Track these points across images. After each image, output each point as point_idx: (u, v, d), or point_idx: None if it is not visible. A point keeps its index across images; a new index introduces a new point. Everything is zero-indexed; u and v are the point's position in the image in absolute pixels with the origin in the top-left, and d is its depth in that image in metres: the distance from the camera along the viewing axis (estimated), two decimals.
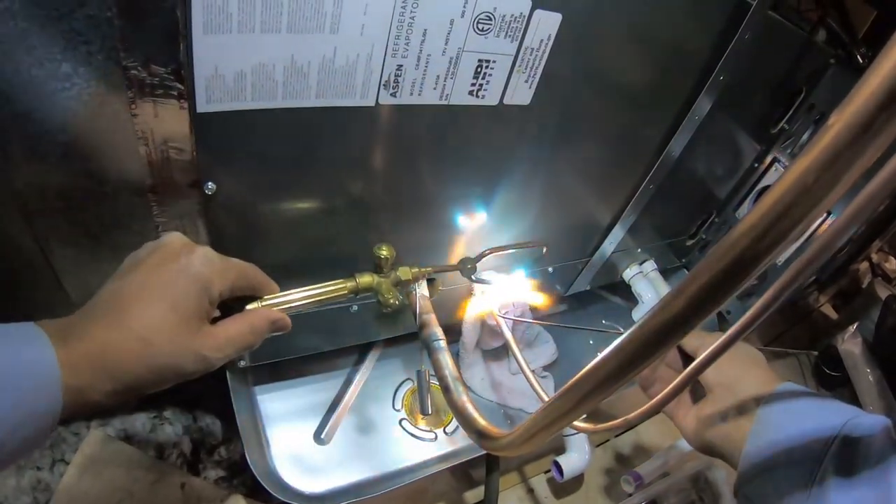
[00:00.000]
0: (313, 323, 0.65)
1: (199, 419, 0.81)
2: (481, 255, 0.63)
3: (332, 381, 0.75)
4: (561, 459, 0.77)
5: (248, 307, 0.43)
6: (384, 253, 0.53)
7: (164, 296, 0.36)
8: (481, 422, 0.58)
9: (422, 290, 0.66)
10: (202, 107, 0.42)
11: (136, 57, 0.39)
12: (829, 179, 0.23)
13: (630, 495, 0.80)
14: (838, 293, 1.33)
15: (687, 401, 0.53)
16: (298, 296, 0.46)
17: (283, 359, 0.68)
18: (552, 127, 0.59)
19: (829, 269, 1.07)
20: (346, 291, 0.50)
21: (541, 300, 0.71)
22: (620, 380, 0.33)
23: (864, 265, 1.33)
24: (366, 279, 0.52)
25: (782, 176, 0.24)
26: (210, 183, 0.47)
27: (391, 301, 0.54)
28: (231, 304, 0.42)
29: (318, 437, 0.70)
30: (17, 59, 0.38)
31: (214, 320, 0.40)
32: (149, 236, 0.51)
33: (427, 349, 0.64)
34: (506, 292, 0.69)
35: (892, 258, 1.38)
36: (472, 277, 0.63)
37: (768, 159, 0.86)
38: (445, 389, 0.62)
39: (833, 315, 1.32)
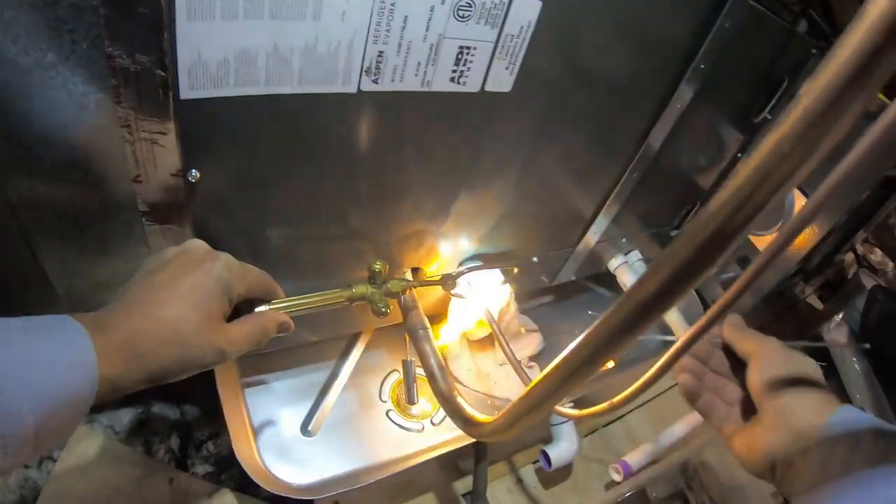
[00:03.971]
0: (300, 314, 0.67)
1: (186, 414, 0.83)
2: (460, 273, 0.67)
3: (319, 372, 0.76)
4: (549, 449, 0.78)
5: (258, 309, 0.49)
6: (378, 266, 0.59)
7: (192, 295, 0.41)
8: (467, 409, 0.60)
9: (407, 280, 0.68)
10: (185, 93, 0.43)
11: (121, 45, 0.40)
12: (804, 148, 0.23)
13: (618, 484, 0.82)
14: (825, 284, 1.36)
15: (736, 415, 0.50)
16: (302, 301, 0.53)
17: (269, 350, 0.69)
18: (533, 115, 0.60)
19: (814, 260, 1.09)
20: (342, 299, 0.57)
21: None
22: (601, 360, 0.34)
23: (850, 257, 1.36)
24: (361, 289, 0.58)
25: (759, 145, 0.24)
26: (194, 171, 0.48)
27: (382, 309, 0.59)
28: (241, 306, 0.48)
29: (304, 429, 0.72)
30: (3, 48, 0.39)
31: (229, 319, 0.45)
32: (135, 228, 0.52)
33: (412, 338, 0.66)
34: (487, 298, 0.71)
35: (877, 250, 1.42)
36: (452, 292, 0.67)
37: (750, 149, 0.88)
38: (431, 377, 0.64)
39: (819, 306, 1.34)
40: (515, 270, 0.73)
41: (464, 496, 0.81)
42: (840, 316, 1.15)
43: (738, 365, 0.50)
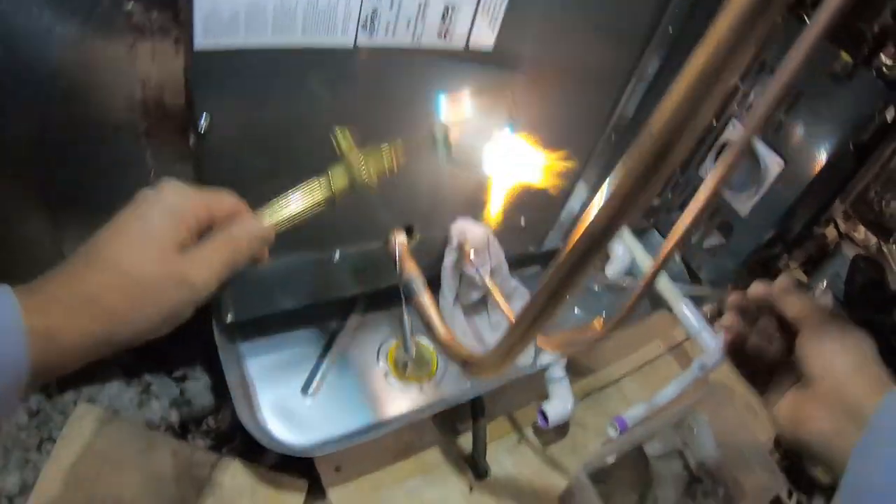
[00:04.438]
0: (296, 275, 0.72)
1: (185, 392, 0.87)
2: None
3: (317, 339, 0.81)
4: (546, 406, 0.84)
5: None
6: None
7: (138, 229, 0.38)
8: (465, 350, 0.66)
9: (400, 238, 0.74)
10: (199, 44, 0.48)
11: (140, 2, 0.47)
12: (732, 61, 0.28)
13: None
14: (808, 260, 1.44)
15: (778, 381, 0.49)
16: (277, 207, 0.49)
17: (267, 313, 0.74)
18: (514, 75, 0.67)
19: (794, 229, 1.17)
20: (319, 188, 0.51)
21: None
22: (579, 277, 0.40)
23: (832, 232, 1.45)
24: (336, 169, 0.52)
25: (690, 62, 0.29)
26: (203, 121, 0.54)
27: (364, 176, 0.53)
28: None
29: (304, 392, 0.77)
30: (28, 5, 0.45)
31: None
32: (145, 182, 0.58)
33: (408, 293, 0.72)
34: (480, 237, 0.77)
35: (860, 227, 1.50)
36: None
37: (724, 117, 0.96)
38: (428, 326, 0.70)
39: (804, 279, 1.42)
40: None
41: (465, 458, 0.86)
42: (824, 283, 1.23)
43: (785, 328, 0.50)
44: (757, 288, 0.51)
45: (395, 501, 0.80)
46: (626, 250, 0.95)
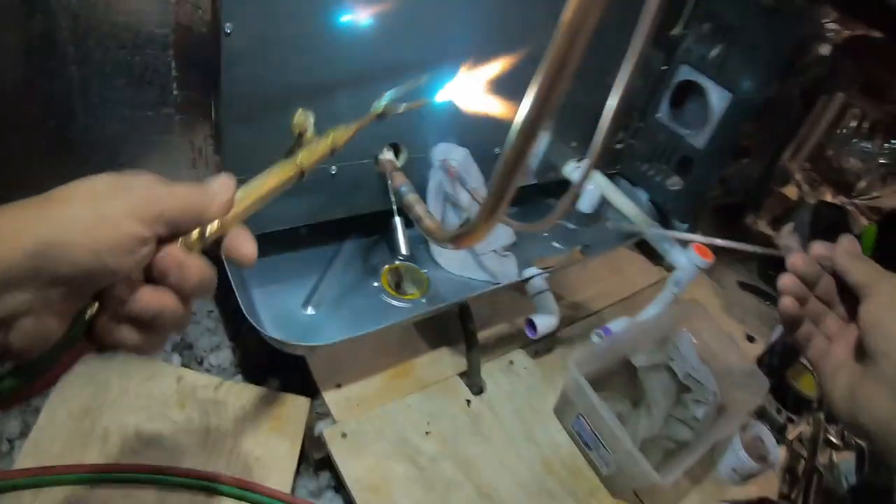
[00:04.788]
0: (298, 194, 0.79)
1: (186, 337, 0.92)
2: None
3: (317, 261, 0.88)
4: (534, 317, 0.90)
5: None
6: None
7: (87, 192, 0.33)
8: (449, 232, 0.74)
9: (388, 156, 0.83)
10: None
11: None
12: None
13: None
14: (774, 219, 1.56)
15: (837, 353, 0.47)
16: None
17: (272, 230, 0.81)
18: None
19: (749, 186, 1.28)
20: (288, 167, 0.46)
21: None
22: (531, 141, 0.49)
23: (793, 191, 1.58)
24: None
25: None
26: (228, 24, 0.60)
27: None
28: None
29: (304, 306, 0.82)
30: None
31: None
32: (168, 89, 0.66)
33: (398, 197, 0.80)
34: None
35: (821, 188, 1.63)
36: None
37: (675, 62, 1.08)
38: (418, 220, 0.77)
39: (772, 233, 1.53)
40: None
41: (461, 375, 0.92)
42: (791, 225, 1.34)
43: (847, 294, 0.47)
44: (819, 248, 0.49)
45: (397, 414, 0.84)
46: (595, 186, 1.04)
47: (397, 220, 0.80)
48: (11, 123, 0.60)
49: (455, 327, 0.92)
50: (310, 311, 0.82)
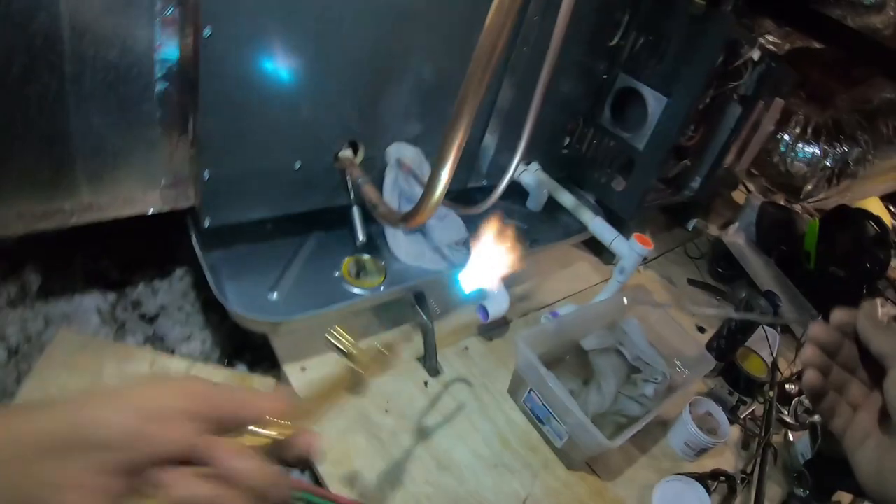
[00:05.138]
0: (264, 186, 0.87)
1: (157, 330, 0.99)
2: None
3: (284, 252, 0.96)
4: (484, 302, 0.99)
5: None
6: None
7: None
8: (401, 214, 0.83)
9: (347, 153, 0.93)
10: None
11: None
12: None
13: None
14: (725, 223, 1.67)
15: (862, 423, 0.46)
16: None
17: (240, 220, 0.88)
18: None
19: (695, 188, 1.39)
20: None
21: None
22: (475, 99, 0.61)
23: (742, 195, 1.69)
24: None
25: None
26: (207, 28, 0.68)
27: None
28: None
29: (270, 292, 0.89)
30: None
31: None
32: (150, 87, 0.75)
33: (356, 188, 0.89)
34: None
35: (771, 194, 1.74)
36: None
37: (614, 70, 1.19)
38: (374, 207, 0.86)
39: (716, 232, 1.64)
40: None
41: (418, 359, 0.99)
42: (736, 224, 1.45)
43: (869, 360, 0.46)
44: (840, 315, 0.48)
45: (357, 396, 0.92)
46: (538, 184, 1.15)
47: (355, 209, 0.89)
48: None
49: (411, 314, 1.00)
50: (275, 296, 0.89)
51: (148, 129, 0.77)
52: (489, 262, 0.82)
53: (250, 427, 0.36)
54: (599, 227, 1.10)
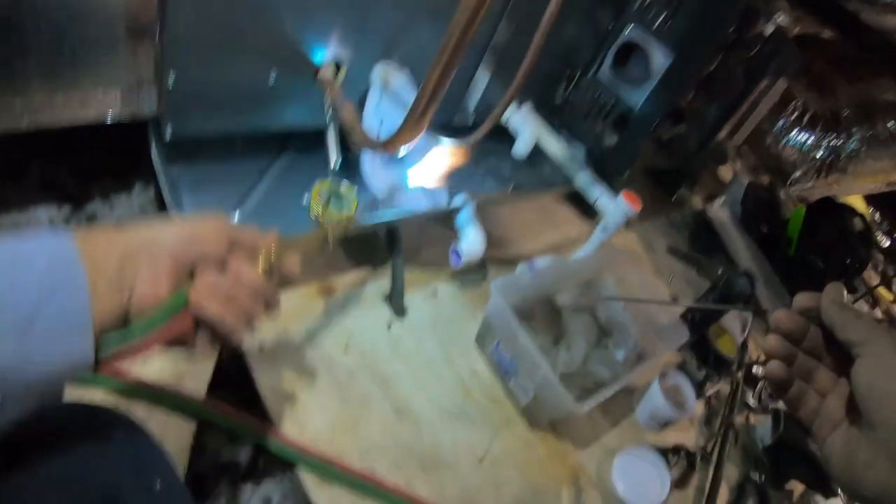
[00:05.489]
0: (234, 97, 0.80)
1: None
2: None
3: (250, 173, 0.89)
4: (458, 244, 0.93)
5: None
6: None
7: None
8: (379, 139, 0.77)
9: (328, 71, 0.86)
10: None
11: None
12: None
13: None
14: (709, 196, 1.66)
15: (830, 412, 0.44)
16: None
17: (205, 134, 0.82)
18: None
19: (687, 155, 1.36)
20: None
21: None
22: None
23: (728, 171, 1.68)
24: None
25: None
26: None
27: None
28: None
29: (231, 211, 0.82)
30: None
31: None
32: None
33: (334, 109, 0.83)
34: None
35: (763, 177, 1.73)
36: None
37: (622, 21, 1.13)
38: (352, 129, 0.80)
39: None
40: None
41: (384, 298, 0.94)
42: (722, 198, 1.43)
43: (835, 346, 0.44)
44: (803, 300, 0.46)
45: (317, 330, 0.85)
46: (529, 131, 1.09)
47: (331, 131, 0.82)
48: None
49: (381, 252, 0.95)
50: (236, 216, 0.83)
51: (110, 22, 0.69)
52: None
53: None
54: (586, 180, 1.05)
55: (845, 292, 0.47)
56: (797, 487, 1.11)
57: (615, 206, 1.00)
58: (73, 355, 0.38)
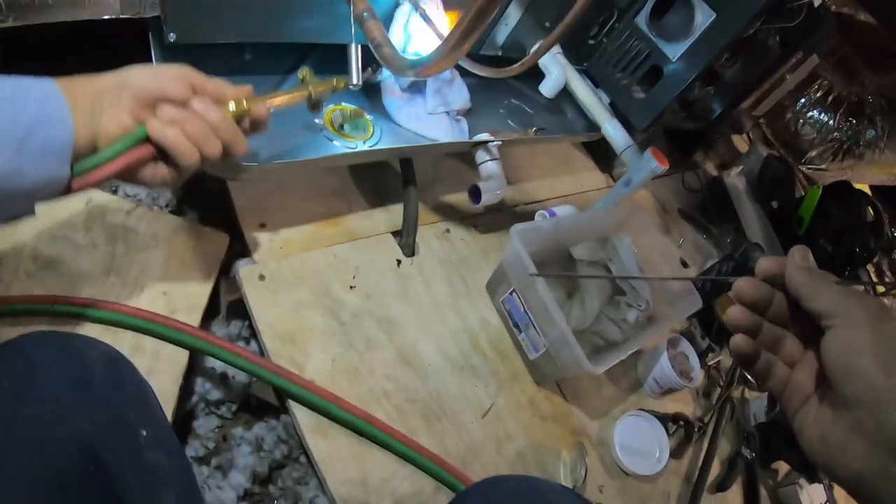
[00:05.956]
0: (248, 5, 0.73)
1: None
2: None
3: (261, 87, 0.81)
4: (479, 183, 0.88)
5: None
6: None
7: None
8: (409, 60, 0.71)
9: None
10: None
11: None
12: None
13: None
14: (722, 164, 1.63)
15: (799, 385, 0.42)
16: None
17: (213, 41, 0.74)
18: None
19: (710, 118, 1.32)
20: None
21: None
22: None
23: (742, 141, 1.64)
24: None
25: None
26: None
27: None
28: None
29: None
30: None
31: None
32: None
33: (359, 22, 0.76)
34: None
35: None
36: None
37: None
38: (378, 47, 0.74)
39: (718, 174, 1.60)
40: None
41: (394, 234, 0.89)
42: (739, 168, 1.40)
43: (801, 314, 0.41)
44: (766, 265, 0.43)
45: (322, 263, 0.80)
46: (560, 70, 1.04)
47: (353, 45, 0.76)
48: None
49: (394, 185, 0.89)
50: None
51: None
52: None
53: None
54: (614, 130, 1.00)
55: (811, 256, 0.43)
56: (782, 467, 1.11)
57: (644, 161, 0.95)
58: (54, 173, 0.47)
